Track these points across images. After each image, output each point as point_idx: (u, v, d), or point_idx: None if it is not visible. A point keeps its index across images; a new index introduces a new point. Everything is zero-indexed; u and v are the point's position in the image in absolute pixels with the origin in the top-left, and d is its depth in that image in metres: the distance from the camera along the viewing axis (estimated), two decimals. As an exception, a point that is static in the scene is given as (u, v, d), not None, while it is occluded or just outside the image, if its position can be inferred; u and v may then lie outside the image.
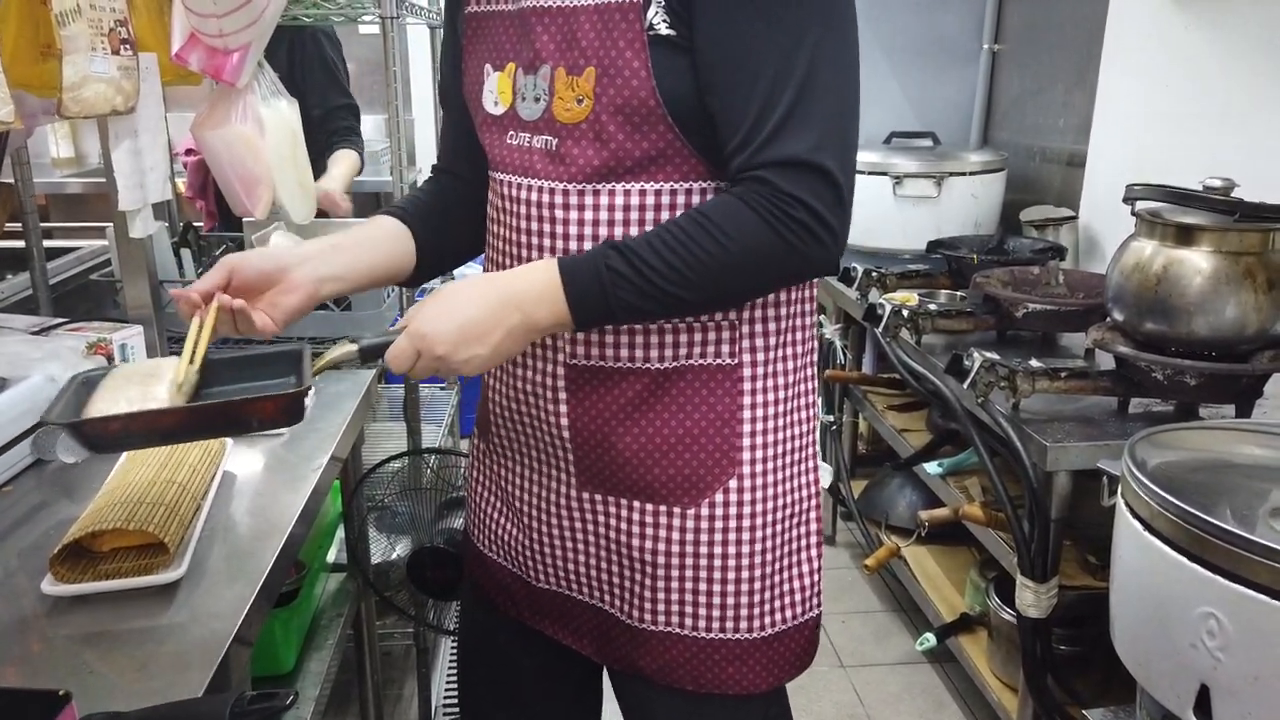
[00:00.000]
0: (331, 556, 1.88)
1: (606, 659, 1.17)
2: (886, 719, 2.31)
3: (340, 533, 1.88)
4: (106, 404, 0.94)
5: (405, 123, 1.88)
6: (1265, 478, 1.31)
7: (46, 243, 2.01)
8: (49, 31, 1.29)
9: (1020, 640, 1.82)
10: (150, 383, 0.97)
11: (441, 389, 2.59)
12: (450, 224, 1.19)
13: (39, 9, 1.29)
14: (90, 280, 2.10)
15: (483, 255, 1.18)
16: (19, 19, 1.33)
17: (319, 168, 2.32)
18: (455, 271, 1.69)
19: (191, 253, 2.13)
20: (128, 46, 1.39)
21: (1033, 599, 1.75)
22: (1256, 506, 1.22)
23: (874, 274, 2.57)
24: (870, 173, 2.93)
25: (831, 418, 2.97)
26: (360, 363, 1.00)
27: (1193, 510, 1.17)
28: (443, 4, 1.18)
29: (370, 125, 4.21)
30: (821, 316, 3.07)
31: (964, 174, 2.91)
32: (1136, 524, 1.28)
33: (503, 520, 1.22)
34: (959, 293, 2.44)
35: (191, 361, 0.96)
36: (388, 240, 1.15)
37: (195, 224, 2.23)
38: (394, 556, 1.90)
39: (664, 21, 0.94)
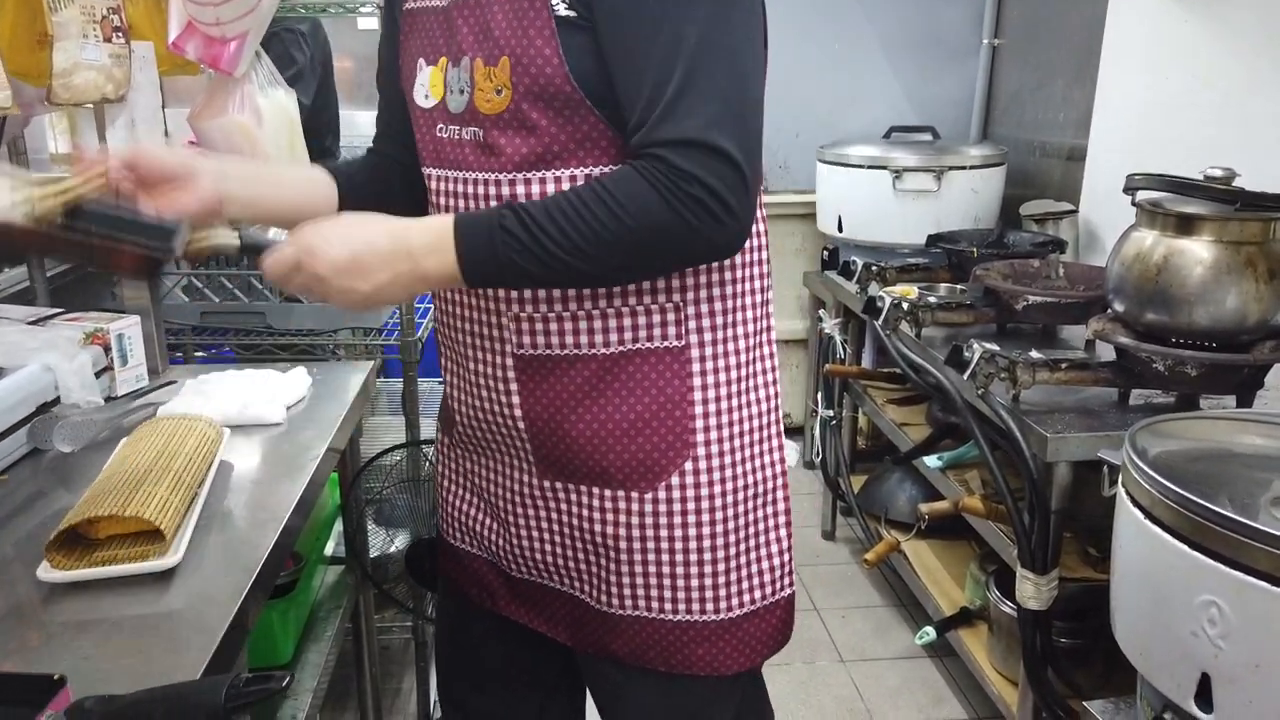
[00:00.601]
0: (330, 549, 1.88)
1: (580, 644, 1.18)
2: (886, 713, 2.31)
3: (338, 525, 1.87)
4: None
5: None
6: (1266, 467, 1.31)
7: (44, 235, 2.00)
8: (44, 21, 1.29)
9: (1020, 633, 1.82)
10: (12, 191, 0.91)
11: (440, 382, 2.58)
12: (380, 198, 1.17)
13: (34, -3, 1.29)
14: (87, 272, 2.09)
15: None
16: (16, 8, 1.33)
17: None
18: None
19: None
20: (120, 34, 1.39)
21: (1033, 591, 1.75)
22: (1257, 495, 1.22)
23: (874, 268, 2.56)
24: (870, 167, 2.93)
25: (831, 412, 2.97)
26: (239, 255, 0.98)
27: (1194, 498, 1.17)
28: None
29: (368, 121, 4.21)
30: (821, 311, 3.07)
31: (964, 168, 2.91)
32: (1137, 512, 1.27)
33: (476, 513, 1.23)
34: (959, 286, 2.44)
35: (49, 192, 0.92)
36: (311, 189, 1.15)
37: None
38: (392, 549, 1.90)
39: (563, 2, 0.94)
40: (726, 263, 1.06)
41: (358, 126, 4.19)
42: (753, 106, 0.96)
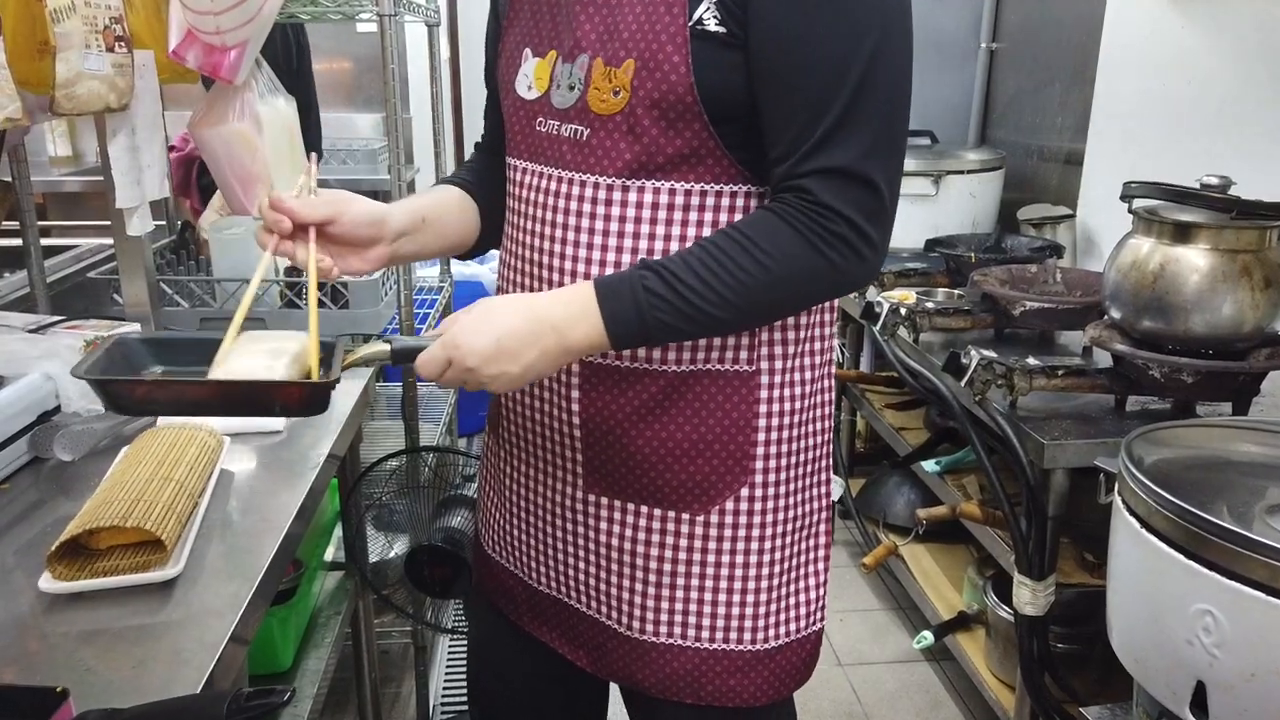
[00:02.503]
0: (329, 555, 1.88)
1: (603, 672, 1.16)
2: (884, 717, 2.31)
3: (338, 531, 1.88)
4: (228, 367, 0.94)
5: (403, 121, 1.88)
6: (1262, 475, 1.32)
7: (44, 241, 2.01)
8: (45, 29, 1.29)
9: (1017, 638, 1.82)
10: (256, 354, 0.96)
11: (439, 387, 2.59)
12: (502, 199, 1.17)
13: (35, 6, 1.29)
14: (87, 278, 2.10)
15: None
16: (15, 17, 1.33)
17: None
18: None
19: (188, 253, 2.13)
20: (122, 44, 1.39)
21: (1030, 597, 1.75)
22: (1253, 504, 1.22)
23: (872, 272, 2.56)
24: (868, 171, 2.92)
25: (829, 416, 2.97)
26: (392, 363, 0.99)
27: (1189, 507, 1.17)
28: None
29: (368, 124, 4.22)
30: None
31: (962, 172, 2.91)
32: (1133, 521, 1.28)
33: (505, 521, 1.22)
34: (957, 291, 2.45)
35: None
36: (459, 215, 1.16)
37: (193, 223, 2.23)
38: (392, 555, 1.90)
39: (714, 18, 0.92)
40: None
41: (357, 128, 4.21)
42: (902, 137, 0.95)
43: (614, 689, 1.27)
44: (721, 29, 0.92)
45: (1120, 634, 1.35)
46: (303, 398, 0.95)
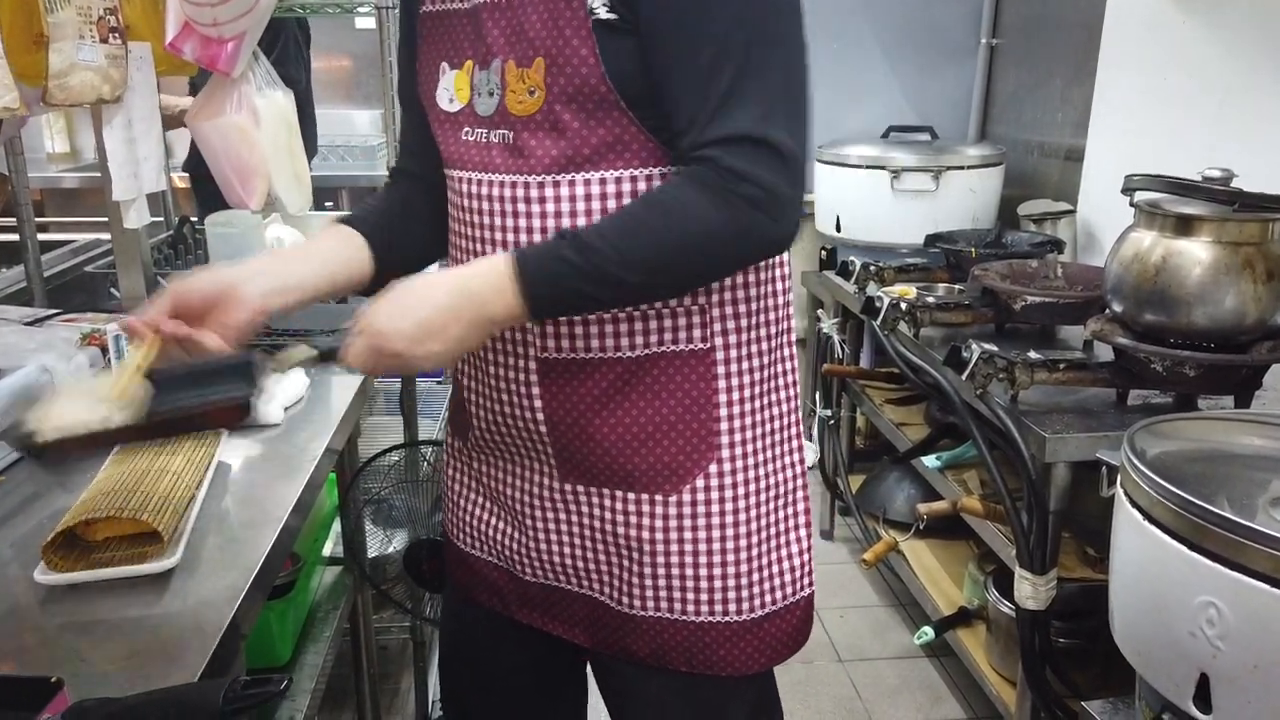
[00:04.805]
0: (328, 550, 1.88)
1: (599, 644, 1.17)
2: (885, 713, 2.31)
3: (336, 526, 1.87)
4: (56, 418, 0.93)
5: (401, 117, 1.87)
6: (1264, 467, 1.31)
7: (41, 236, 2.00)
8: (40, 21, 1.29)
9: (1019, 633, 1.82)
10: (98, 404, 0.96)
11: (438, 382, 2.58)
12: (412, 227, 1.17)
13: (31, -2, 1.29)
14: (85, 272, 2.09)
15: (446, 258, 1.16)
16: (12, 9, 1.32)
17: None
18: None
19: (185, 246, 2.13)
20: (117, 35, 1.39)
21: (1031, 591, 1.75)
22: (1256, 496, 1.22)
23: (872, 267, 2.56)
24: (868, 167, 2.93)
25: (829, 412, 2.97)
26: (320, 362, 0.99)
27: (1192, 499, 1.17)
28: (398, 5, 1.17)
29: (366, 120, 4.21)
30: (819, 311, 3.07)
31: (962, 168, 2.91)
32: (1136, 513, 1.27)
33: (489, 517, 1.22)
34: (957, 286, 2.44)
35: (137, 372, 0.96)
36: (341, 250, 1.13)
37: (191, 218, 2.23)
38: (390, 550, 1.89)
39: (604, 5, 0.93)
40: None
41: (354, 125, 4.20)
42: (801, 96, 0.96)
43: (590, 681, 1.28)
44: (612, 15, 0.93)
45: (1123, 627, 1.35)
46: (230, 416, 0.98)
